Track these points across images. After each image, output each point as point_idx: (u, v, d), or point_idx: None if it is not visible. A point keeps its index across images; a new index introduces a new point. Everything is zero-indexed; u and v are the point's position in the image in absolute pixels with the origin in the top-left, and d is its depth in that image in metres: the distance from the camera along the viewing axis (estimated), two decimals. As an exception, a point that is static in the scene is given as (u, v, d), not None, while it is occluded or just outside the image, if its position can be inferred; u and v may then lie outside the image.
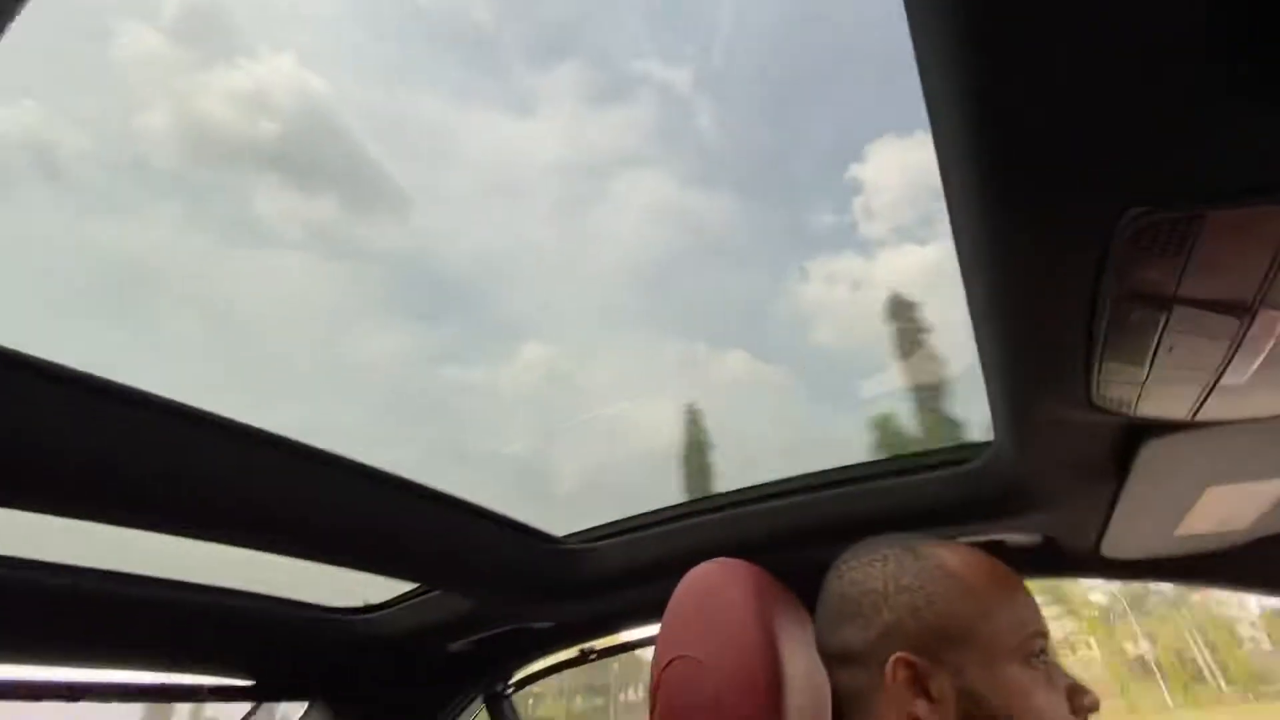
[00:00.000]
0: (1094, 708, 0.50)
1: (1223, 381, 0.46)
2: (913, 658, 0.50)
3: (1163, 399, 0.51)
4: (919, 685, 0.50)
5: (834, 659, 0.55)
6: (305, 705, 1.57)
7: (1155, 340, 0.43)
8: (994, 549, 0.69)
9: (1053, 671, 0.51)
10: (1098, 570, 1.02)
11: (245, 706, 1.41)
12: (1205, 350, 0.43)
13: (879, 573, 0.55)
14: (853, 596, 0.55)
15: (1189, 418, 0.54)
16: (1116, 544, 0.90)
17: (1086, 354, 0.48)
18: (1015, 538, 0.96)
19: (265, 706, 1.44)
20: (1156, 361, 0.45)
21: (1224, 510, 0.77)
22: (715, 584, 0.64)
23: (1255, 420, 0.54)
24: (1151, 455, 0.62)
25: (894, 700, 0.50)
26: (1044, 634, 0.52)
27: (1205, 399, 0.49)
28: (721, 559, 0.69)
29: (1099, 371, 0.49)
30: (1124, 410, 0.54)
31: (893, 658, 0.50)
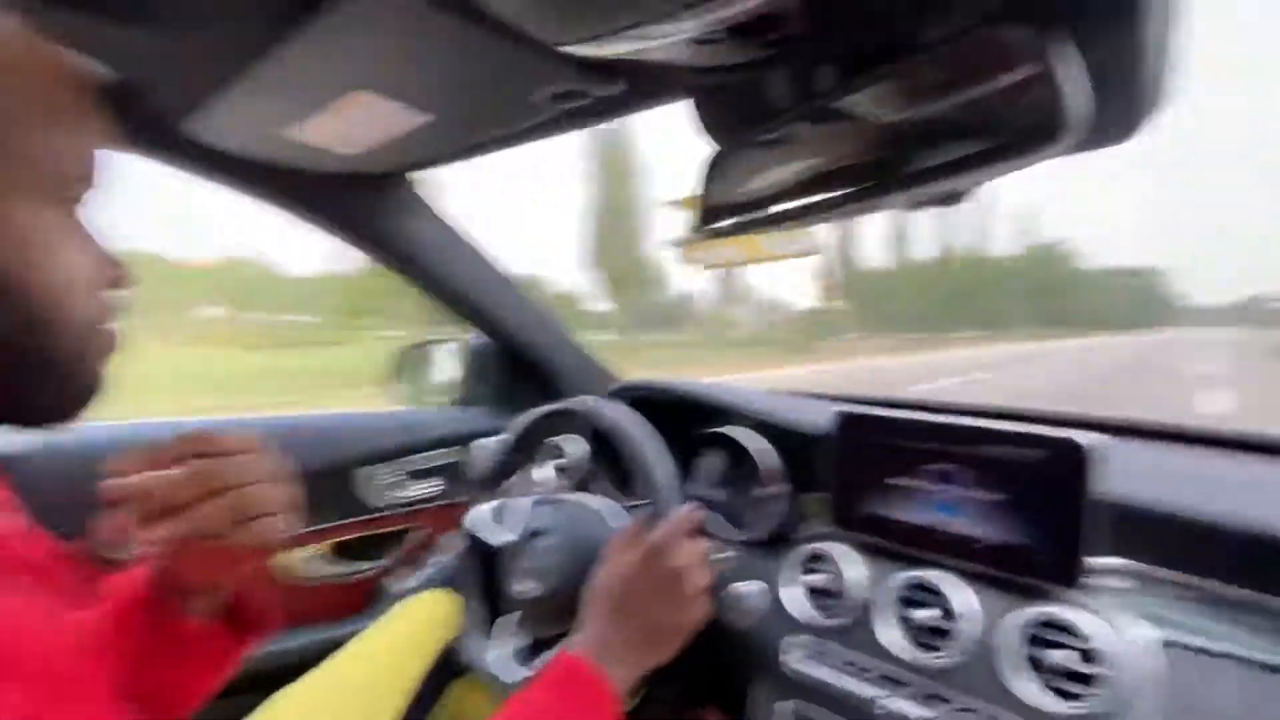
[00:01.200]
0: (125, 283, 0.42)
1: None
2: None
3: None
4: None
5: None
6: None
7: None
8: None
9: (89, 233, 0.41)
10: (174, 152, 0.81)
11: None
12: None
13: None
14: None
15: None
16: (214, 125, 0.73)
17: None
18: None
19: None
20: None
21: (347, 126, 0.70)
22: None
23: None
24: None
25: None
26: (93, 186, 0.40)
27: None
28: None
29: None
30: None
31: None
